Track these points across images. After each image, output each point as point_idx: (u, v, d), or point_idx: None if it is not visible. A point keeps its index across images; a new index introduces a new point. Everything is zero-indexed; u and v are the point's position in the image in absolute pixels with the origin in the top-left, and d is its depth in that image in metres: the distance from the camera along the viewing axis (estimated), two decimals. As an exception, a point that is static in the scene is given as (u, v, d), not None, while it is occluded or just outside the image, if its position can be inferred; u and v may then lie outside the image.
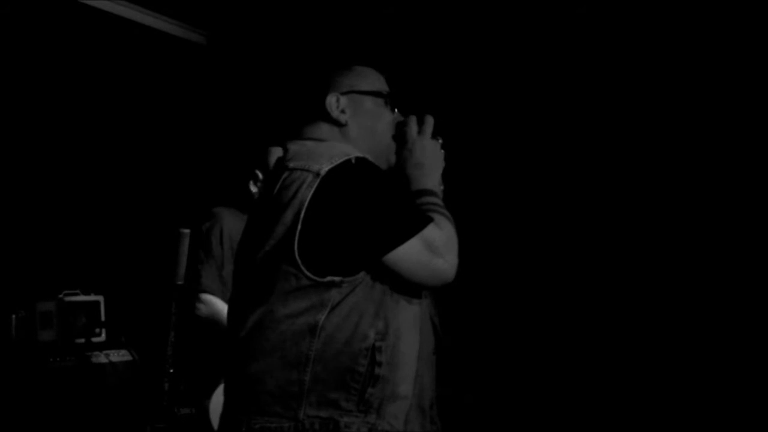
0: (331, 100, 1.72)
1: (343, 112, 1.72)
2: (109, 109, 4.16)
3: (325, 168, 1.53)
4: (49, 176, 3.93)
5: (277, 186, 1.58)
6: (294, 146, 1.67)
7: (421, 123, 1.76)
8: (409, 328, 1.60)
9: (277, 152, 3.08)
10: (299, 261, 1.50)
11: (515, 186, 3.50)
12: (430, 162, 1.72)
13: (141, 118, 4.28)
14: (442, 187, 1.74)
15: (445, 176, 1.75)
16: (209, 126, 4.47)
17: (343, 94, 1.73)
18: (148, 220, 4.16)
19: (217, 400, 2.84)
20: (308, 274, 1.51)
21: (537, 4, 3.41)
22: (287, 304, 1.52)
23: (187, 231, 3.06)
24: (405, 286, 1.59)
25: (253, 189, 3.13)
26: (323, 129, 1.72)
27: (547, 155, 3.44)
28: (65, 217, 3.96)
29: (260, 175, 3.12)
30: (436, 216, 1.60)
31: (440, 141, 1.76)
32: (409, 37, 3.70)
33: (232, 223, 3.06)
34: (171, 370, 3.01)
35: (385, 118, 1.77)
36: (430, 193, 1.67)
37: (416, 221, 1.56)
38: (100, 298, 3.70)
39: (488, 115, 3.56)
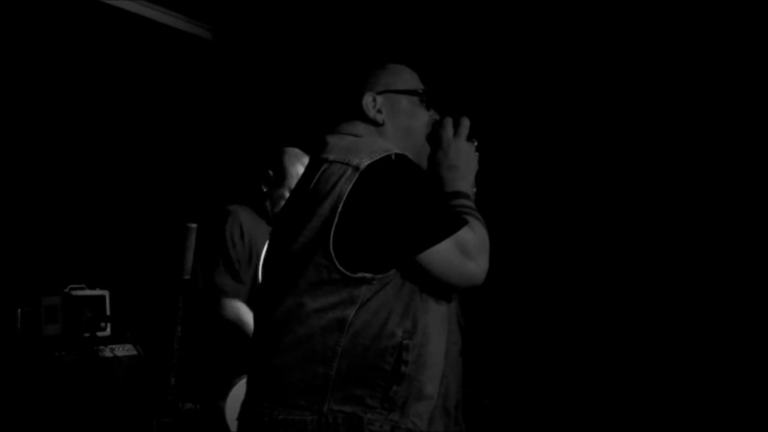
0: (367, 100, 1.72)
1: (379, 111, 1.73)
2: (114, 103, 4.16)
3: (365, 162, 1.53)
4: (55, 171, 3.92)
5: (315, 178, 1.58)
6: (333, 139, 1.67)
7: (456, 125, 1.76)
8: (437, 329, 1.60)
9: (291, 152, 3.06)
10: (333, 254, 1.51)
11: (546, 189, 3.49)
12: (464, 164, 1.72)
13: (146, 113, 4.27)
14: (475, 190, 1.74)
15: (479, 179, 1.75)
16: (214, 121, 4.47)
17: (379, 93, 1.73)
18: (154, 215, 4.16)
19: (233, 401, 2.82)
20: (340, 268, 1.51)
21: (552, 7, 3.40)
22: (317, 298, 1.53)
23: (194, 226, 3.04)
24: (434, 286, 1.59)
25: (265, 189, 3.09)
26: (360, 128, 1.72)
27: (573, 159, 3.42)
28: (71, 211, 3.96)
29: (272, 175, 3.08)
30: (469, 219, 1.60)
31: (475, 143, 1.76)
32: (439, 36, 3.69)
33: (249, 221, 3.04)
34: (177, 365, 3.00)
35: (421, 117, 1.77)
36: (463, 195, 1.67)
37: (451, 222, 1.57)
38: (106, 293, 3.70)
39: (519, 118, 3.54)
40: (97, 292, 3.68)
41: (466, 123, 1.76)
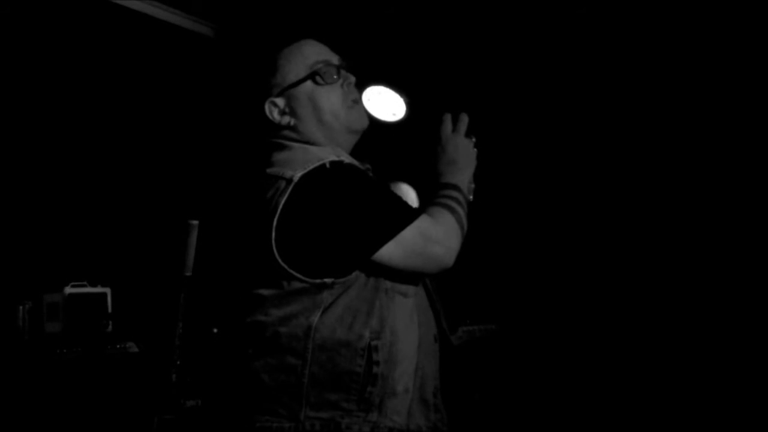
0: (269, 109, 1.68)
1: (284, 113, 1.68)
2: (115, 101, 4.16)
3: (298, 174, 1.53)
4: (56, 168, 3.92)
5: (253, 192, 1.58)
6: (271, 150, 1.66)
7: (455, 121, 1.76)
8: (405, 323, 1.59)
9: None
10: (285, 265, 1.50)
11: (536, 183, 3.49)
12: (462, 160, 1.71)
13: (147, 111, 4.27)
14: (473, 186, 1.74)
15: (477, 175, 1.75)
16: (216, 119, 4.46)
17: (276, 96, 1.68)
18: (156, 212, 4.16)
19: None
20: (299, 276, 1.51)
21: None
22: (281, 307, 1.53)
23: (195, 222, 3.06)
24: (398, 280, 1.58)
25: None
26: (280, 136, 1.69)
27: (563, 155, 3.43)
28: (72, 208, 3.96)
29: None
30: (441, 209, 1.60)
31: (474, 140, 1.76)
32: (436, 34, 3.69)
33: None
34: (178, 362, 3.01)
35: (324, 93, 1.69)
36: (455, 187, 1.67)
37: (401, 216, 1.56)
38: (107, 290, 3.70)
39: (520, 116, 3.55)
40: (99, 289, 3.68)
41: (464, 119, 1.75)
